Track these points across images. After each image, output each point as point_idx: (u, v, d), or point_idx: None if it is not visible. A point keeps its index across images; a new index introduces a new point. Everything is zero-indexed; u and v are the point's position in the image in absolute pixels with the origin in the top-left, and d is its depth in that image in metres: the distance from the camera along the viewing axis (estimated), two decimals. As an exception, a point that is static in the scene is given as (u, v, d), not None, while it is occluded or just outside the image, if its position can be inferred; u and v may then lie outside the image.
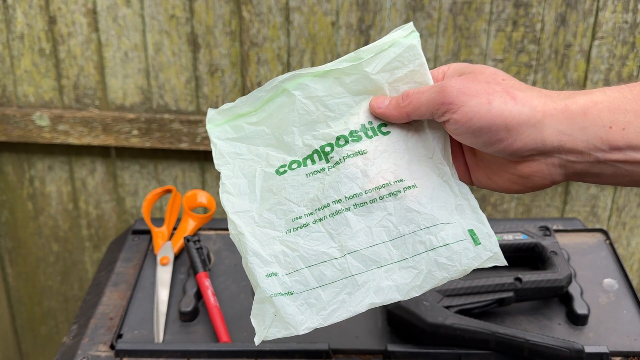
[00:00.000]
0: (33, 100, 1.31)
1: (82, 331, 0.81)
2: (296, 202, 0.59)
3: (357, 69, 0.60)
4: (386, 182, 0.58)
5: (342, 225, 0.58)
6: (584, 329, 0.79)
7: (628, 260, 1.38)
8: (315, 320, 0.57)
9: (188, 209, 0.96)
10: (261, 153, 0.62)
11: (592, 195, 1.32)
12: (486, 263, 0.57)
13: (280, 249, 0.58)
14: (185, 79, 1.27)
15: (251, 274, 0.58)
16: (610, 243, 0.93)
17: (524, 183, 0.56)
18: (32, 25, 1.25)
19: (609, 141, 0.52)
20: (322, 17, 1.19)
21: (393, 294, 0.57)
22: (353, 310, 0.57)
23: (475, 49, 1.20)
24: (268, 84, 0.61)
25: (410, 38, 0.60)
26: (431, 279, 0.57)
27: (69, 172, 1.39)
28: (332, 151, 0.59)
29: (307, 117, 0.61)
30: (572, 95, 0.54)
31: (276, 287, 0.57)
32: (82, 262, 1.49)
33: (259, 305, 0.58)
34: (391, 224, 0.58)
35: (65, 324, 1.58)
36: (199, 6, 1.21)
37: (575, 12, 1.16)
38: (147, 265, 0.91)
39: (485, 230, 0.57)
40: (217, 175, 1.36)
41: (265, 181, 0.61)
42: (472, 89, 0.54)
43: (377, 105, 0.60)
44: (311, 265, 0.58)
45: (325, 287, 0.57)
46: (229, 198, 0.61)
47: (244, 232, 0.59)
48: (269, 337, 0.58)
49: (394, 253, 0.57)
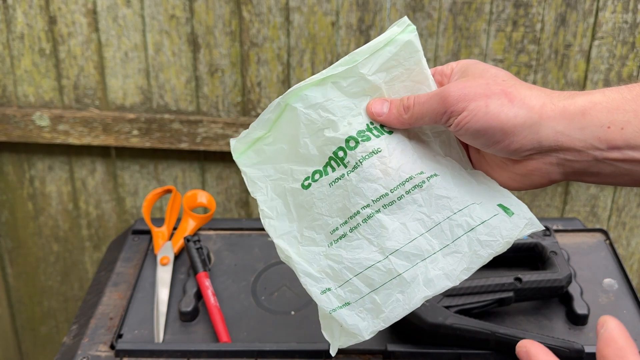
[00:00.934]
0: (33, 100, 1.31)
1: (82, 331, 0.81)
2: (328, 214, 0.60)
3: (352, 71, 0.60)
4: (409, 176, 0.58)
5: (377, 229, 0.58)
6: (583, 329, 0.79)
7: (628, 260, 1.38)
8: (377, 323, 0.58)
9: (188, 209, 0.96)
10: (286, 170, 0.62)
11: (592, 195, 1.32)
12: (524, 230, 0.57)
13: (326, 264, 0.59)
14: (185, 79, 1.27)
15: (309, 292, 0.59)
16: (610, 243, 0.93)
17: (523, 181, 0.57)
18: (32, 25, 1.25)
19: (607, 140, 0.52)
20: (322, 17, 1.19)
21: (444, 282, 0.57)
22: (409, 307, 0.57)
23: (475, 49, 1.20)
24: (271, 105, 0.61)
25: (406, 33, 0.60)
26: (477, 258, 0.57)
27: (69, 172, 1.39)
28: (346, 155, 0.59)
29: (312, 126, 0.61)
30: (571, 96, 0.54)
31: (333, 302, 0.58)
32: (82, 262, 1.49)
33: (325, 320, 0.60)
34: (424, 215, 0.58)
35: (65, 324, 1.58)
36: (199, 6, 1.21)
37: (575, 12, 1.16)
38: (147, 265, 0.91)
39: (514, 201, 0.58)
40: (217, 175, 1.36)
41: (296, 198, 0.61)
42: (471, 92, 0.54)
43: (377, 113, 0.60)
44: (358, 274, 0.58)
45: (377, 291, 0.58)
46: (271, 222, 0.62)
47: (290, 255, 0.60)
48: (343, 346, 0.59)
49: (435, 242, 0.58)
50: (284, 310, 0.84)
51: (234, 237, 0.96)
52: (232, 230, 0.97)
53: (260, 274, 0.90)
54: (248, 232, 0.97)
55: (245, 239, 0.96)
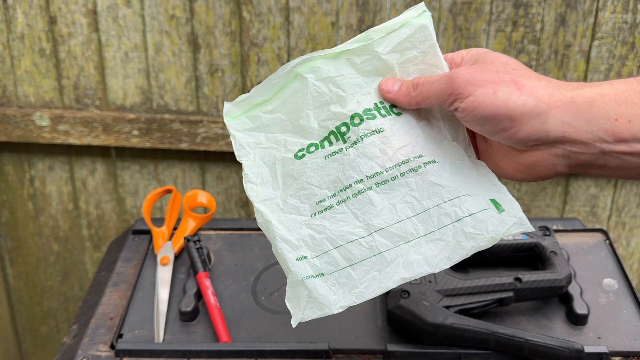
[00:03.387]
0: (33, 101, 1.31)
1: (82, 331, 0.81)
2: (318, 185, 0.60)
3: (367, 49, 0.61)
4: (406, 159, 0.58)
5: (366, 205, 0.58)
6: (583, 329, 0.79)
7: (628, 260, 1.38)
8: (348, 298, 0.57)
9: (188, 209, 0.96)
10: (279, 140, 0.62)
11: (591, 195, 1.32)
12: (512, 229, 0.57)
13: (307, 233, 0.59)
14: (185, 79, 1.27)
15: (282, 260, 0.59)
16: (610, 243, 0.93)
17: (528, 172, 0.57)
18: (32, 26, 1.25)
19: (614, 133, 0.52)
20: (322, 17, 1.19)
21: (423, 267, 0.57)
22: (384, 287, 0.57)
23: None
24: (281, 70, 0.61)
25: (421, 18, 0.61)
26: (460, 249, 0.57)
27: (70, 172, 1.39)
28: (348, 131, 0.60)
29: (320, 98, 0.61)
30: (579, 87, 0.54)
31: (307, 270, 0.58)
32: (83, 262, 1.49)
33: (293, 289, 0.59)
34: (414, 199, 0.58)
35: (65, 324, 1.58)
36: (199, 6, 1.21)
37: (575, 12, 1.16)
38: (148, 265, 0.91)
39: (507, 198, 0.58)
40: (217, 175, 1.36)
41: (285, 167, 0.61)
42: (480, 78, 0.55)
43: (387, 90, 0.60)
44: (339, 246, 0.58)
45: (355, 266, 0.58)
46: (253, 187, 0.62)
47: (270, 219, 0.60)
48: (305, 319, 0.58)
49: (420, 227, 0.58)
50: (284, 310, 0.84)
51: (234, 237, 0.96)
52: (232, 230, 0.98)
53: (260, 274, 0.90)
54: (248, 232, 0.97)
55: (245, 239, 0.96)
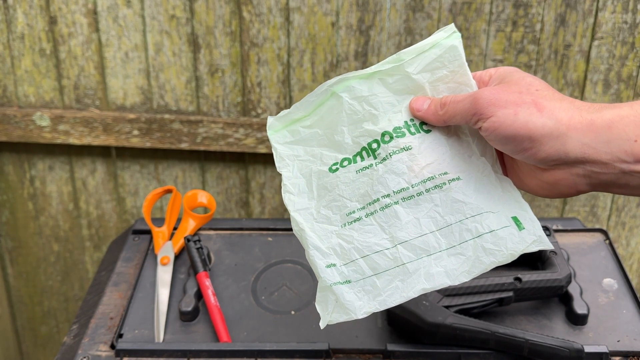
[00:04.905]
0: (33, 101, 1.31)
1: (82, 331, 0.81)
2: (349, 197, 0.63)
3: (399, 69, 0.64)
4: (431, 176, 0.61)
5: (392, 218, 0.61)
6: (583, 329, 0.79)
7: (627, 260, 1.38)
8: (372, 305, 0.61)
9: (188, 209, 0.96)
10: (316, 153, 0.66)
11: (591, 196, 1.32)
12: (531, 247, 0.59)
13: (337, 242, 0.62)
14: (185, 79, 1.27)
15: (313, 265, 0.63)
16: (609, 243, 0.93)
17: (551, 189, 0.59)
18: (32, 26, 1.25)
19: (633, 154, 0.53)
20: (322, 17, 1.20)
21: (443, 279, 0.60)
22: (406, 296, 0.60)
23: (475, 49, 1.20)
24: (318, 89, 0.65)
25: (451, 39, 0.63)
26: (479, 264, 0.60)
27: (70, 172, 1.39)
28: (379, 148, 0.63)
29: (354, 116, 0.64)
30: (600, 109, 0.55)
31: (335, 277, 0.61)
32: (83, 262, 1.49)
33: (322, 293, 0.62)
34: (438, 214, 0.61)
35: (65, 324, 1.58)
36: (199, 6, 1.21)
37: (574, 12, 1.16)
38: (148, 265, 0.91)
39: (528, 216, 0.60)
40: (217, 175, 1.36)
41: (320, 179, 0.65)
42: (502, 99, 0.57)
43: (417, 108, 0.63)
44: (365, 256, 0.61)
45: (379, 275, 0.61)
46: (290, 197, 0.65)
47: (304, 228, 0.63)
48: (332, 322, 0.61)
49: (442, 241, 0.61)
50: (284, 310, 0.84)
51: (234, 237, 0.96)
52: (232, 230, 0.98)
53: (260, 274, 0.90)
54: (248, 232, 0.97)
55: (245, 239, 0.96)
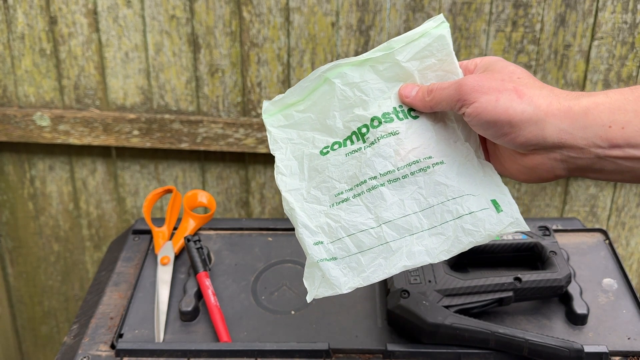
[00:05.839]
0: (34, 101, 1.31)
1: (82, 331, 0.81)
2: (338, 179, 0.66)
3: (389, 57, 0.66)
4: (416, 159, 0.64)
5: (377, 199, 0.64)
6: (583, 329, 0.79)
7: (627, 260, 1.38)
8: (356, 281, 0.64)
9: (188, 209, 0.96)
10: (308, 137, 0.69)
11: (591, 195, 1.32)
12: (508, 228, 0.62)
13: (325, 221, 0.65)
14: (185, 79, 1.27)
15: (302, 243, 0.66)
16: (609, 243, 0.93)
17: (530, 174, 0.61)
18: (32, 26, 1.25)
19: (608, 139, 0.56)
20: (322, 17, 1.20)
21: (423, 257, 0.63)
22: (388, 272, 0.64)
23: (475, 49, 1.20)
24: (312, 74, 0.68)
25: (440, 29, 0.66)
26: (458, 243, 0.63)
27: (70, 172, 1.39)
28: (368, 132, 0.65)
29: (345, 102, 0.67)
30: (577, 97, 0.58)
31: (322, 254, 0.64)
32: (83, 261, 1.49)
33: (309, 269, 0.65)
34: (421, 196, 0.64)
35: (65, 324, 1.58)
36: (199, 7, 1.21)
37: (574, 12, 1.17)
38: (148, 265, 0.91)
39: (507, 199, 0.63)
40: (217, 175, 1.36)
41: (312, 161, 0.68)
42: (485, 86, 0.59)
43: (405, 95, 0.66)
44: (351, 234, 0.64)
45: (364, 253, 0.64)
46: (282, 178, 0.68)
47: (294, 207, 0.66)
48: (319, 296, 0.64)
49: (424, 222, 0.64)
50: (284, 310, 0.84)
51: (234, 237, 0.96)
52: (232, 230, 0.98)
53: (260, 274, 0.90)
54: (248, 232, 0.97)
55: (245, 239, 0.96)
